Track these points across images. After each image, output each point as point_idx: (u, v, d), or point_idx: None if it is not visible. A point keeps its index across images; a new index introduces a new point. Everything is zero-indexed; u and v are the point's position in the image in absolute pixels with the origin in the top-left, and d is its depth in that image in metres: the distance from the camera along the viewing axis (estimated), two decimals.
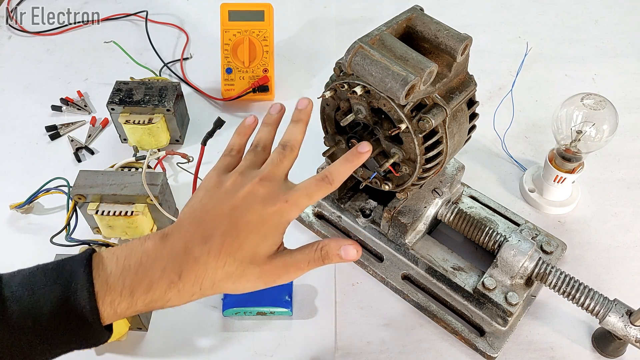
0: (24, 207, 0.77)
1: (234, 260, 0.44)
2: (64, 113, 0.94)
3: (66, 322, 0.41)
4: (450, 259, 0.69)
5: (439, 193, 0.68)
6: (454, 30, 0.54)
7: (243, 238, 0.44)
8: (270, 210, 0.45)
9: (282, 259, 0.46)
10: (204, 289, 0.44)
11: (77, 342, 0.43)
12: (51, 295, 0.41)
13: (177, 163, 0.84)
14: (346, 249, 0.46)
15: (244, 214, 0.44)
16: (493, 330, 0.65)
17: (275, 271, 0.46)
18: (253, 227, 0.44)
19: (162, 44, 1.06)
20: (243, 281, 0.45)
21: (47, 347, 0.42)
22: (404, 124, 0.54)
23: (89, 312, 0.41)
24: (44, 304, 0.41)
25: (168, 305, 0.44)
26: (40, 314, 0.41)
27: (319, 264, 0.47)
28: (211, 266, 0.43)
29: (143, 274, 0.42)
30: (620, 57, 1.05)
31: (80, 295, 0.41)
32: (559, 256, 0.72)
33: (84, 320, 0.41)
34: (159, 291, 0.42)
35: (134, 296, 0.42)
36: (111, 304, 0.42)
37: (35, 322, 0.41)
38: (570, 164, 0.75)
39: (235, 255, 0.44)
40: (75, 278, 0.42)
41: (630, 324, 0.59)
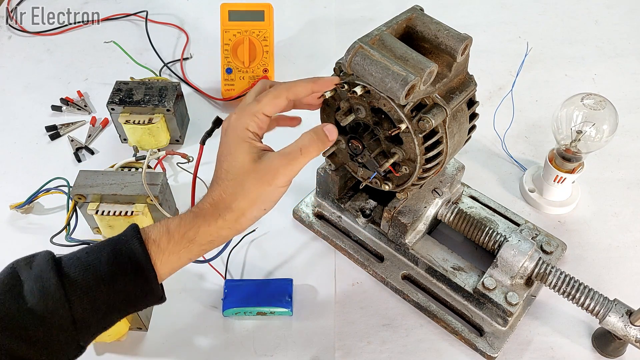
0: (24, 207, 0.77)
1: (229, 179, 0.50)
2: (64, 113, 0.94)
3: (122, 268, 0.46)
4: (450, 259, 0.69)
5: (439, 193, 0.68)
6: (454, 30, 0.54)
7: (223, 161, 0.51)
8: (225, 129, 0.52)
9: (272, 155, 0.50)
10: (222, 212, 0.49)
11: (134, 286, 0.47)
12: (107, 249, 0.47)
13: (177, 163, 0.84)
14: (327, 127, 0.53)
15: (219, 149, 0.52)
16: (493, 330, 0.65)
17: (270, 168, 0.49)
18: (225, 150, 0.51)
19: (162, 44, 1.06)
20: (247, 192, 0.49)
21: (110, 294, 0.46)
22: (404, 124, 0.54)
23: (140, 252, 0.47)
24: (101, 257, 0.47)
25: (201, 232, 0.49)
26: (99, 265, 0.46)
27: (312, 150, 0.51)
28: (216, 192, 0.50)
29: (174, 217, 0.50)
30: (620, 57, 1.05)
31: (131, 242, 0.47)
32: (559, 256, 0.72)
33: (137, 261, 0.47)
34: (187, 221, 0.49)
35: (169, 231, 0.49)
36: (154, 242, 0.48)
37: (96, 272, 0.46)
38: (570, 164, 0.75)
39: (227, 176, 0.50)
40: (124, 234, 0.49)
41: (630, 324, 0.59)
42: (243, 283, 0.70)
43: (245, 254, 0.75)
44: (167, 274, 0.50)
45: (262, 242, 0.76)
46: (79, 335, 0.46)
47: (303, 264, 0.74)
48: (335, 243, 0.74)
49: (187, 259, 0.50)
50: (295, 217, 0.78)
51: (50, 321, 0.44)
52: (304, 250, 0.75)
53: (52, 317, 0.44)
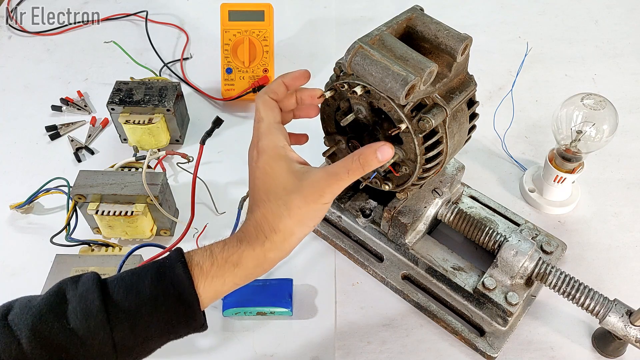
0: (24, 207, 0.77)
1: (273, 201, 0.48)
2: (64, 113, 0.94)
3: (165, 291, 0.45)
4: (450, 259, 0.69)
5: (439, 193, 0.68)
6: (454, 30, 0.54)
7: (263, 184, 0.49)
8: (255, 155, 0.51)
9: (318, 174, 0.48)
10: (269, 235, 0.48)
11: (175, 313, 0.46)
12: (150, 272, 0.47)
13: (177, 163, 0.84)
14: (382, 150, 0.49)
15: (253, 175, 0.51)
16: (493, 330, 0.65)
17: (316, 187, 0.48)
18: (262, 173, 0.50)
19: (162, 44, 1.06)
20: (294, 211, 0.47)
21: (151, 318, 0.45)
22: (404, 124, 0.54)
23: (183, 277, 0.46)
24: (145, 279, 0.46)
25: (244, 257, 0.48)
26: (142, 288, 0.45)
27: (359, 172, 0.48)
28: (260, 216, 0.48)
29: (219, 241, 0.50)
30: (620, 57, 1.05)
31: (174, 266, 0.46)
32: (559, 256, 0.72)
33: (180, 285, 0.46)
34: (232, 245, 0.48)
35: (213, 254, 0.48)
36: (197, 265, 0.47)
37: (138, 295, 0.45)
38: (570, 164, 0.75)
39: (270, 197, 0.48)
40: (168, 258, 0.48)
41: (630, 324, 0.59)
42: None
43: None
44: (210, 299, 0.48)
45: None
46: (119, 358, 0.45)
47: (303, 264, 0.74)
48: (335, 243, 0.74)
49: (233, 283, 0.48)
50: None
51: (91, 343, 0.44)
52: (304, 250, 0.75)
53: (93, 339, 0.43)
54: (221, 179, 0.82)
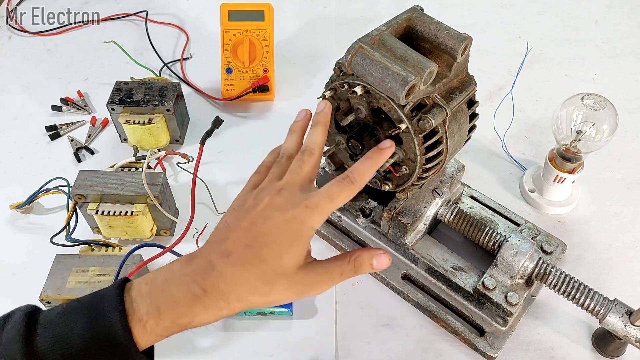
0: (24, 207, 0.77)
1: (259, 272, 0.43)
2: (64, 113, 0.94)
3: (98, 343, 0.41)
4: (450, 259, 0.69)
5: (439, 193, 0.68)
6: (454, 30, 0.54)
7: (265, 249, 0.43)
8: (289, 216, 0.43)
9: (314, 270, 0.45)
10: (231, 302, 0.43)
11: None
12: (83, 318, 0.41)
13: (177, 163, 0.84)
14: (379, 259, 0.47)
15: (262, 225, 0.44)
16: (493, 330, 0.65)
17: (307, 281, 0.45)
18: (273, 237, 0.43)
19: (162, 44, 1.06)
20: (274, 293, 0.43)
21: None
22: (404, 124, 0.54)
23: (120, 330, 0.41)
24: (75, 327, 0.41)
25: (197, 321, 0.43)
26: (71, 337, 0.41)
27: (351, 274, 0.47)
28: (235, 279, 0.42)
29: (168, 291, 0.42)
30: (620, 57, 1.05)
31: (111, 315, 0.41)
32: (559, 256, 0.72)
33: (115, 339, 0.41)
34: (184, 306, 0.42)
35: (160, 313, 0.42)
36: (140, 322, 0.42)
37: (67, 347, 0.41)
38: (570, 164, 0.75)
39: (259, 267, 0.43)
40: (106, 300, 0.42)
41: (630, 324, 0.59)
42: None
43: None
44: (148, 343, 0.43)
45: None
46: None
47: None
48: (335, 243, 0.74)
49: (173, 334, 0.44)
50: None
51: None
52: None
53: None
54: (221, 179, 0.82)
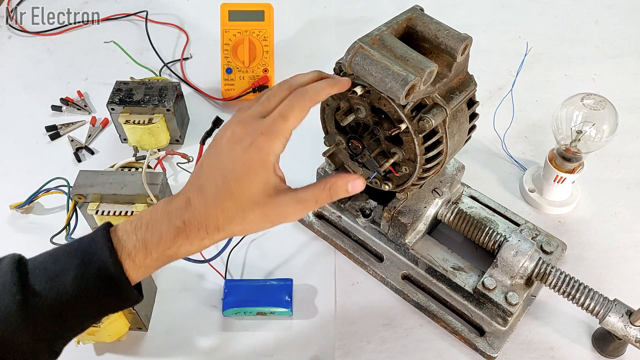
0: (24, 207, 0.77)
1: (231, 203, 0.45)
2: (64, 113, 0.94)
3: (91, 281, 0.43)
4: (450, 259, 0.69)
5: (439, 193, 0.68)
6: (454, 30, 0.54)
7: (232, 182, 0.45)
8: (246, 145, 0.45)
9: (287, 197, 0.47)
10: (211, 233, 0.45)
11: (106, 301, 0.44)
12: (74, 259, 0.44)
13: (177, 163, 0.84)
14: (354, 183, 0.49)
15: (228, 159, 0.45)
16: (493, 330, 0.65)
17: (281, 210, 0.46)
18: (239, 169, 0.45)
19: (162, 44, 1.06)
20: (248, 222, 0.46)
21: (78, 310, 0.44)
22: (404, 124, 0.54)
23: (111, 265, 0.43)
24: (68, 267, 0.43)
25: (182, 251, 0.46)
26: (65, 276, 0.43)
27: (326, 201, 0.48)
28: (211, 213, 0.45)
29: (152, 227, 0.45)
30: (620, 57, 1.05)
31: (101, 252, 0.43)
32: (559, 256, 0.72)
33: (107, 274, 0.43)
34: (168, 240, 0.45)
35: (147, 247, 0.44)
36: (129, 256, 0.44)
37: (62, 288, 0.43)
38: (570, 164, 0.75)
39: (230, 198, 0.45)
40: (94, 241, 0.44)
41: (630, 324, 0.59)
42: (243, 283, 0.70)
43: (245, 254, 0.75)
44: (139, 277, 0.46)
45: (262, 242, 0.76)
46: (52, 345, 0.44)
47: (303, 264, 0.74)
48: (335, 243, 0.74)
49: (162, 266, 0.47)
50: None
51: (16, 341, 0.42)
52: (304, 250, 0.75)
53: (17, 338, 0.42)
54: None
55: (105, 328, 0.60)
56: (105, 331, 0.60)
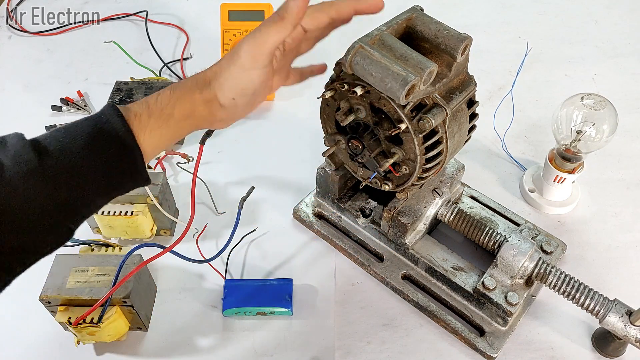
0: None
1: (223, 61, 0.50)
2: (64, 113, 0.94)
3: (104, 146, 0.44)
4: (450, 259, 0.69)
5: (439, 193, 0.68)
6: (454, 30, 0.54)
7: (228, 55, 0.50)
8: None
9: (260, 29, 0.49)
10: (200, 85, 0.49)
11: (117, 164, 0.45)
12: (85, 129, 0.45)
13: (177, 163, 0.84)
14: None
15: None
16: (493, 330, 0.65)
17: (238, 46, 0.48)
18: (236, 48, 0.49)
19: (162, 44, 1.06)
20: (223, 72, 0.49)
21: (91, 174, 0.44)
22: (404, 124, 0.54)
23: (117, 120, 0.45)
24: (81, 134, 0.44)
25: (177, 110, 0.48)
26: (81, 141, 0.44)
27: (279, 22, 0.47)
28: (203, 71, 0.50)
29: (162, 93, 0.49)
30: (620, 57, 1.05)
31: (110, 115, 0.45)
32: (559, 256, 0.72)
33: (113, 129, 0.44)
34: (165, 96, 0.48)
35: (149, 106, 0.47)
36: (135, 116, 0.46)
37: (78, 152, 0.43)
38: (570, 164, 0.75)
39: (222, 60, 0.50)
40: (104, 110, 0.46)
41: (630, 324, 0.59)
42: (243, 283, 0.70)
43: (245, 254, 0.75)
44: (151, 152, 0.47)
45: (262, 242, 0.76)
46: (67, 218, 0.44)
47: (303, 264, 0.74)
48: (335, 243, 0.74)
49: (168, 137, 0.48)
50: (295, 217, 0.78)
51: (34, 204, 0.42)
52: (304, 250, 0.75)
53: (35, 200, 0.42)
54: (221, 179, 0.82)
55: (105, 328, 0.60)
56: (105, 331, 0.60)
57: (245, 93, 0.49)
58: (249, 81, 0.49)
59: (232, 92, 0.49)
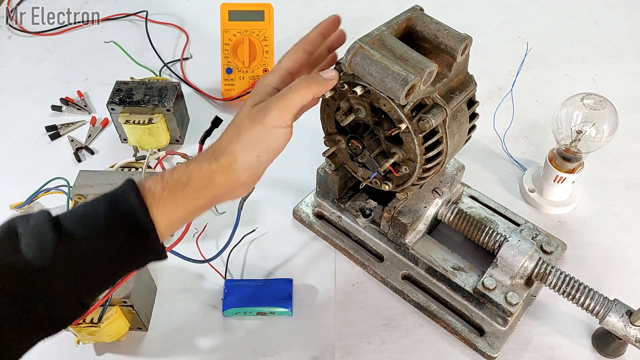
0: (24, 207, 0.77)
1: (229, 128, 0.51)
2: (64, 113, 0.94)
3: (119, 220, 0.45)
4: (450, 259, 0.69)
5: (439, 193, 0.68)
6: (454, 30, 0.54)
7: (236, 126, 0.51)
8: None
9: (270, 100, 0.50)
10: (217, 155, 0.49)
11: (134, 245, 0.46)
12: (102, 203, 0.46)
13: (177, 163, 0.84)
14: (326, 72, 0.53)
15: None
16: (493, 330, 0.65)
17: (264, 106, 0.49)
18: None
19: (162, 44, 1.06)
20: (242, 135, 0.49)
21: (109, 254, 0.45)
22: (404, 124, 0.54)
23: (133, 197, 0.45)
24: (99, 209, 0.45)
25: (194, 179, 0.48)
26: (97, 216, 0.45)
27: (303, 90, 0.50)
28: (218, 141, 0.50)
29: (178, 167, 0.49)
30: (620, 57, 1.05)
31: (128, 195, 0.46)
32: (559, 256, 0.72)
33: (133, 214, 0.45)
34: (181, 167, 0.48)
35: (164, 177, 0.48)
36: (149, 191, 0.46)
37: (93, 225, 0.45)
38: (570, 164, 0.75)
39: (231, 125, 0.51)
40: (121, 189, 0.47)
41: (630, 324, 0.59)
42: (243, 283, 0.70)
43: (245, 254, 0.75)
44: (166, 226, 0.47)
45: (262, 242, 0.76)
46: (80, 292, 0.45)
47: (303, 264, 0.74)
48: (335, 243, 0.74)
49: (184, 208, 0.48)
50: (295, 217, 0.78)
51: (49, 275, 0.43)
52: (304, 250, 0.75)
53: (50, 271, 0.42)
54: None
55: (105, 328, 0.60)
56: (105, 331, 0.60)
57: (269, 150, 0.50)
58: (274, 139, 0.49)
59: (256, 150, 0.49)
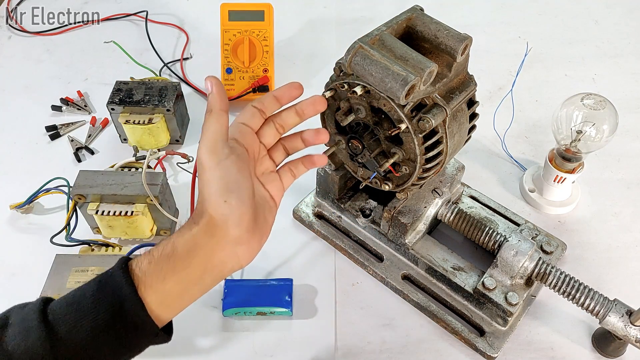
0: (24, 207, 0.77)
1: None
2: (64, 113, 0.94)
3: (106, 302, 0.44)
4: (450, 259, 0.69)
5: (439, 193, 0.68)
6: (454, 30, 0.54)
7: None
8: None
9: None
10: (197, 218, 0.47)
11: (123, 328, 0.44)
12: (91, 283, 0.45)
13: (177, 163, 0.84)
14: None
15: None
16: (493, 330, 0.65)
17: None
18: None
19: (162, 44, 1.06)
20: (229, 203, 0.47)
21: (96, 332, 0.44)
22: (404, 124, 0.54)
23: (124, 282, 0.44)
24: (86, 290, 0.45)
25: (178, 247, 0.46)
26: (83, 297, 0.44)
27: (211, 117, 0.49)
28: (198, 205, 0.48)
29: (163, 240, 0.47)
30: (620, 57, 1.05)
31: (115, 274, 0.45)
32: (559, 256, 0.72)
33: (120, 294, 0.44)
34: (165, 239, 0.47)
35: (151, 252, 0.46)
36: (137, 266, 0.45)
37: (79, 306, 0.44)
38: (570, 164, 0.75)
39: None
40: (112, 267, 0.46)
41: (630, 324, 0.59)
42: (243, 283, 0.70)
43: None
44: (158, 303, 0.45)
45: None
46: None
47: (303, 264, 0.74)
48: (335, 243, 0.74)
49: (174, 281, 0.45)
50: (295, 217, 0.78)
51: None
52: (304, 250, 0.75)
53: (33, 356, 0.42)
54: None
55: None
56: None
57: (230, 188, 0.46)
58: (223, 174, 0.47)
59: (218, 195, 0.46)
